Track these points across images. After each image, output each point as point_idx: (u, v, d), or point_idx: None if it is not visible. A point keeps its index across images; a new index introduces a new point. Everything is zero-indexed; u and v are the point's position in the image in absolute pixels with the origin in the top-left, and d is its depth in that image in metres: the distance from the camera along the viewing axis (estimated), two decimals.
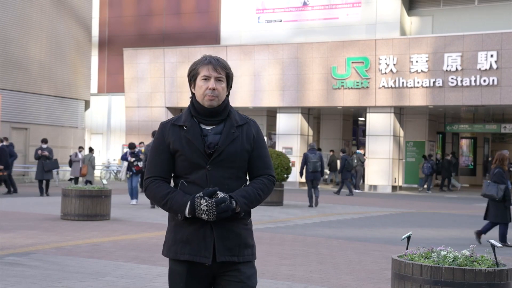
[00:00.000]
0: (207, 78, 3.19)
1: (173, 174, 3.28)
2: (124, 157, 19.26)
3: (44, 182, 20.72)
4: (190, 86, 3.30)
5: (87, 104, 34.38)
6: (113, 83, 35.19)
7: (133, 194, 18.32)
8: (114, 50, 35.04)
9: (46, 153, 20.52)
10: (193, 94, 3.28)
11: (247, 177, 3.31)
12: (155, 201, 3.23)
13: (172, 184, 3.29)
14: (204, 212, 3.01)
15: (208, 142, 3.15)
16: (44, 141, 21.49)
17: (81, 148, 24.93)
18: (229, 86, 3.30)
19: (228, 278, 3.14)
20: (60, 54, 31.89)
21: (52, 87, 31.34)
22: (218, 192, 3.04)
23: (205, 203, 3.00)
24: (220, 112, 3.24)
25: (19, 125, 28.91)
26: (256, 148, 3.27)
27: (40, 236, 11.31)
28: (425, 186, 30.38)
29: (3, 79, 28.23)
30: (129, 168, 18.43)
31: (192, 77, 3.26)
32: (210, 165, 3.13)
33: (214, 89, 3.17)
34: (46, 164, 20.40)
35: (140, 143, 23.37)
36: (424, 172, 29.77)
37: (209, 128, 3.22)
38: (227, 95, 3.29)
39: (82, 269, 8.29)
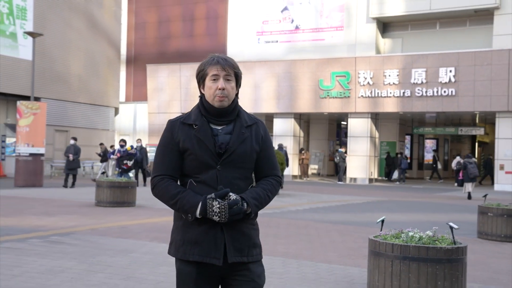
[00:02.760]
0: (216, 78, 2.73)
1: (181, 173, 2.82)
2: (110, 155, 17.72)
3: (71, 176, 20.40)
4: (199, 86, 2.84)
5: (116, 111, 34.42)
6: (138, 93, 35.23)
7: None
8: (139, 66, 35.11)
9: (70, 156, 20.00)
10: (202, 94, 2.82)
11: (253, 177, 2.88)
12: (163, 200, 2.75)
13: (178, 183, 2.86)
14: (216, 214, 2.58)
15: (219, 142, 2.70)
16: (74, 138, 21.39)
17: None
18: (238, 85, 2.84)
19: (239, 278, 2.72)
20: (95, 69, 31.94)
21: (88, 96, 31.39)
22: (230, 194, 2.62)
23: (218, 205, 2.57)
24: (230, 112, 2.78)
25: (61, 128, 28.96)
26: (264, 148, 2.82)
27: (79, 220, 11.36)
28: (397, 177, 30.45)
29: (48, 91, 28.29)
30: (118, 166, 16.67)
31: (200, 78, 2.81)
32: (220, 165, 2.68)
33: (223, 89, 2.72)
34: (70, 163, 20.22)
35: (138, 139, 22.96)
36: (402, 167, 29.83)
37: (219, 128, 2.75)
38: (237, 94, 2.84)
39: (113, 246, 8.32)
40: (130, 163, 16.56)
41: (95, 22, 32.00)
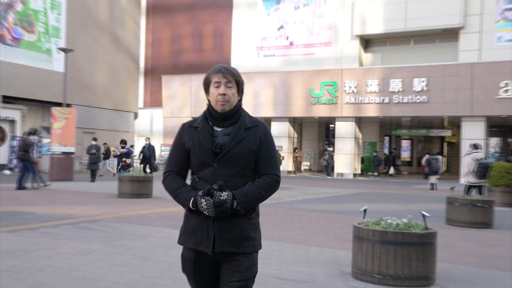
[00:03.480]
0: (218, 85, 2.64)
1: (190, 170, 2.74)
2: (115, 155, 17.07)
3: (91, 171, 20.24)
4: (206, 93, 2.74)
5: (136, 115, 34.46)
6: (154, 100, 35.23)
7: None
8: (155, 76, 35.10)
9: (94, 151, 19.94)
10: (209, 101, 2.72)
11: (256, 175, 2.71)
12: (168, 192, 2.70)
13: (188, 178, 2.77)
14: (204, 209, 2.49)
15: (216, 143, 2.59)
16: (94, 139, 21.38)
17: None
18: (239, 91, 2.72)
19: (228, 266, 2.59)
20: (117, 79, 31.95)
21: (111, 103, 31.41)
22: (221, 194, 2.48)
23: (205, 202, 2.47)
24: (232, 115, 2.66)
25: (88, 130, 28.97)
26: (263, 149, 2.65)
27: (103, 209, 11.37)
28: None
29: (77, 98, 28.30)
30: (118, 163, 16.01)
31: (206, 85, 2.71)
32: (217, 163, 2.56)
33: (224, 94, 2.62)
34: (92, 158, 20.16)
35: (146, 138, 22.51)
36: (376, 163, 29.84)
37: (220, 130, 2.65)
38: (239, 100, 2.73)
39: (132, 232, 8.33)
40: (128, 160, 16.19)
41: (118, 39, 32.01)
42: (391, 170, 31.16)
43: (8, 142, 25.76)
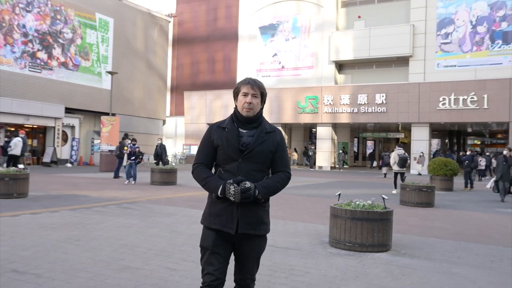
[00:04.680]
0: (245, 94, 2.44)
1: (215, 163, 2.53)
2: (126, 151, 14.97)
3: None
4: (234, 99, 2.52)
5: (164, 122, 34.34)
6: (178, 110, 35.12)
7: (127, 176, 14.34)
8: (179, 92, 35.00)
9: (137, 149, 19.29)
10: (236, 106, 2.51)
11: (270, 172, 2.53)
12: (197, 181, 2.48)
13: (213, 170, 2.57)
14: (231, 195, 2.30)
15: (242, 142, 2.41)
16: (129, 138, 21.09)
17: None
18: (263, 101, 2.51)
19: (245, 245, 2.44)
20: (150, 94, 31.88)
21: (145, 112, 31.34)
22: (246, 182, 2.32)
23: (233, 189, 2.30)
24: (255, 120, 2.47)
25: (128, 133, 28.89)
26: (278, 151, 2.49)
27: (140, 193, 11.37)
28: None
29: (120, 109, 28.27)
30: (128, 158, 14.52)
31: (235, 93, 2.51)
32: (241, 159, 2.39)
33: (250, 103, 2.43)
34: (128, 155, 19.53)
35: (159, 138, 21.15)
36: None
37: (245, 131, 2.46)
38: (261, 108, 2.52)
39: (162, 211, 8.31)
40: (140, 157, 14.83)
41: (150, 64, 31.96)
42: (375, 163, 31.20)
43: (70, 142, 25.81)
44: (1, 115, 21.79)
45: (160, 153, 19.28)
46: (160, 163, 18.92)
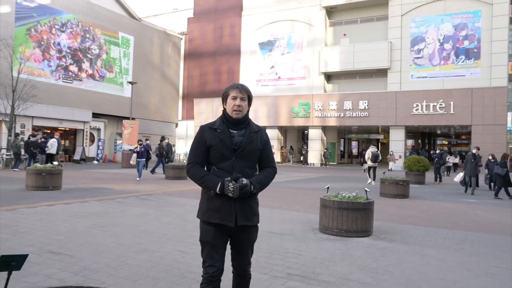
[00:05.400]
0: (235, 98, 2.34)
1: (207, 162, 2.38)
2: (135, 150, 14.00)
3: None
4: (223, 103, 2.41)
5: (176, 125, 34.26)
6: (188, 115, 35.06)
7: (139, 173, 13.50)
8: (190, 99, 34.93)
9: (142, 149, 18.76)
10: (224, 108, 2.40)
11: (257, 167, 2.44)
12: (194, 180, 2.32)
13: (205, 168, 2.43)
14: (230, 191, 2.20)
15: (234, 141, 2.30)
16: (147, 139, 20.76)
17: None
18: (249, 103, 2.42)
19: (242, 235, 2.33)
20: (164, 101, 31.83)
21: (160, 116, 31.29)
22: (243, 179, 2.23)
23: (232, 186, 2.20)
24: (243, 121, 2.37)
25: (145, 135, 28.72)
26: (265, 148, 2.42)
27: (156, 187, 11.35)
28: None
29: (139, 114, 28.22)
30: (138, 156, 13.65)
31: (224, 97, 2.39)
32: (235, 157, 2.29)
33: (239, 105, 2.33)
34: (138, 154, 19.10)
35: (165, 137, 19.27)
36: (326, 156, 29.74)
37: (235, 131, 2.34)
38: (248, 111, 2.42)
39: (175, 202, 8.29)
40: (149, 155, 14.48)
41: (165, 75, 31.93)
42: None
43: (96, 142, 25.82)
44: (39, 119, 22.04)
45: (167, 151, 18.94)
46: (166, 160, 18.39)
